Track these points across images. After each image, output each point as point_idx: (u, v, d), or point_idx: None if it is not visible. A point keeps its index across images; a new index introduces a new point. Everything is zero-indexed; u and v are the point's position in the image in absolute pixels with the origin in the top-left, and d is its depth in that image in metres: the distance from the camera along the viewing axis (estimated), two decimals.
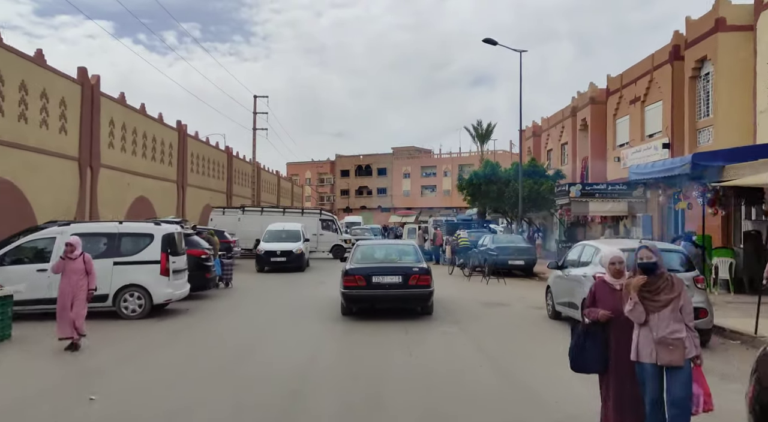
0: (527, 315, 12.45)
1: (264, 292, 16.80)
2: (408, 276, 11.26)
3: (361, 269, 11.52)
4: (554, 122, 34.18)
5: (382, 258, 12.62)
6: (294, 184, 78.76)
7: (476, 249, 23.24)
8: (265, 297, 15.63)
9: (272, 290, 17.35)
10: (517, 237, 22.99)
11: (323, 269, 24.70)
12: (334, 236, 30.46)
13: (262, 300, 15.12)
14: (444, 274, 22.52)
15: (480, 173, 30.65)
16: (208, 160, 40.58)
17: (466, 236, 25.10)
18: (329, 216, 31.74)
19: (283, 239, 23.54)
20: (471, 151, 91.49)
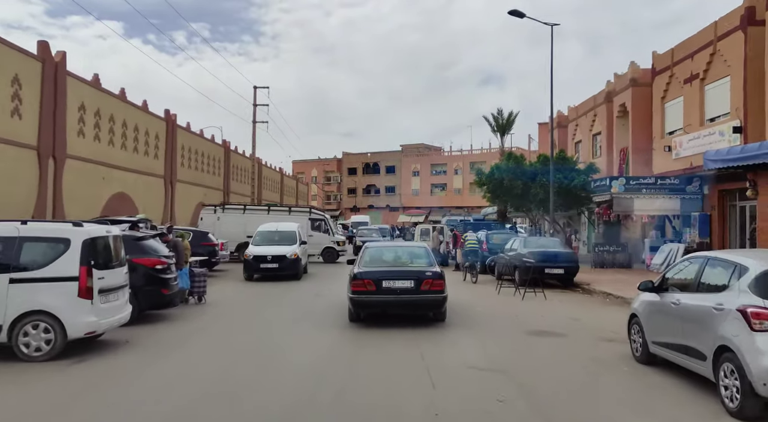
0: (598, 355, 8.73)
1: (244, 309, 13.18)
2: (420, 280, 10.43)
3: (370, 273, 10.57)
4: (584, 110, 30.36)
5: (392, 261, 11.62)
6: (299, 182, 75.23)
7: (503, 255, 19.56)
8: (243, 318, 12.02)
9: (255, 306, 13.74)
10: (552, 241, 19.26)
11: (321, 276, 21.09)
12: (325, 237, 26.91)
13: (238, 322, 11.50)
14: (458, 281, 18.95)
15: (502, 167, 26.92)
16: (201, 154, 37.08)
17: (474, 238, 21.53)
18: (320, 214, 28.15)
19: (275, 242, 19.94)
20: (483, 147, 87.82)
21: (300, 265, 19.42)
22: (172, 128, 31.70)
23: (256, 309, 13.26)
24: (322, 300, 14.52)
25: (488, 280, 20.28)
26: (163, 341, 9.51)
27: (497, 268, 19.92)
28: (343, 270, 23.66)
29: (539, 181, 26.12)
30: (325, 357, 8.34)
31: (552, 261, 17.10)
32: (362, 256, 11.66)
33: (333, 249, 27.17)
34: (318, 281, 19.58)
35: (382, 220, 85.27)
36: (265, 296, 15.64)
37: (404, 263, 11.51)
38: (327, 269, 24.21)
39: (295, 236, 20.19)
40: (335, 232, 28.02)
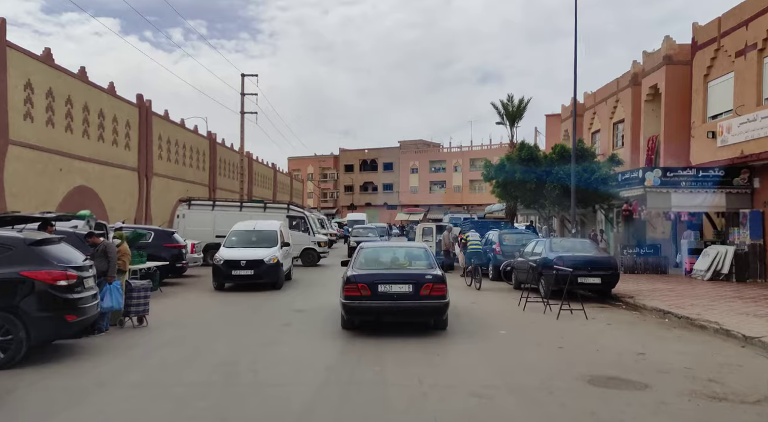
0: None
1: (196, 335, 9.84)
2: (420, 284, 9.35)
3: (364, 276, 9.54)
4: (604, 96, 27.09)
5: (389, 263, 10.56)
6: (294, 179, 71.84)
7: (523, 260, 16.31)
8: (190, 349, 8.68)
9: (213, 328, 10.40)
10: (583, 243, 15.95)
11: (306, 283, 17.80)
12: (305, 237, 23.53)
13: (180, 356, 8.17)
14: (461, 286, 15.87)
15: (514, 159, 23.61)
16: (183, 146, 33.71)
17: (477, 238, 18.52)
18: (299, 211, 24.74)
19: (252, 243, 16.65)
20: (483, 143, 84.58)
21: (280, 272, 16.11)
22: (147, 115, 28.32)
23: (212, 334, 9.94)
24: (303, 320, 11.24)
25: (500, 288, 17.03)
26: (42, 400, 6.19)
27: (516, 275, 16.65)
28: (331, 275, 20.38)
29: (556, 174, 22.85)
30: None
31: (587, 269, 13.81)
32: (356, 258, 10.43)
33: (313, 251, 23.90)
34: (301, 290, 16.30)
35: (380, 219, 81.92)
36: (231, 313, 12.32)
37: (402, 265, 10.43)
38: (312, 274, 20.92)
39: (276, 237, 16.88)
40: (316, 231, 24.73)
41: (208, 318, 11.65)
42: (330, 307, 12.18)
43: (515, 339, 9.42)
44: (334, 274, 13.25)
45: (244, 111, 38.12)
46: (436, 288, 9.30)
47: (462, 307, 12.75)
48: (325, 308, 12.41)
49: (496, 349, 8.68)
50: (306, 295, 15.24)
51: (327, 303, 12.93)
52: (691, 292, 14.74)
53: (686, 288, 15.74)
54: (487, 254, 19.75)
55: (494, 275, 19.10)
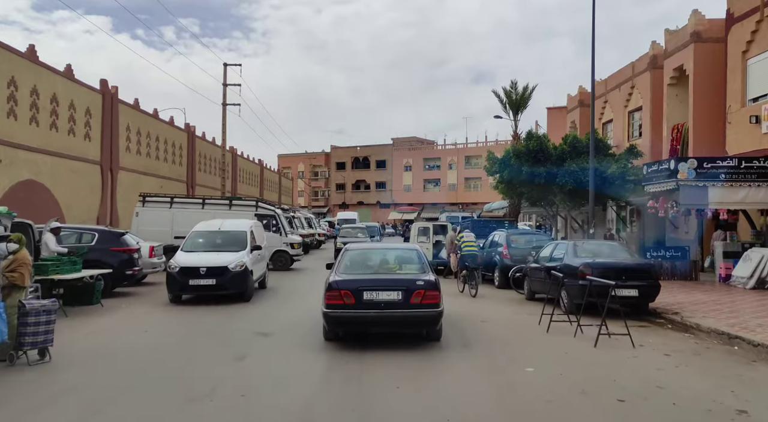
0: None
1: (107, 378, 7.12)
2: (410, 291, 8.16)
3: (348, 281, 8.36)
4: (617, 83, 24.54)
5: (377, 267, 9.31)
6: (282, 176, 68.97)
7: (534, 265, 13.73)
8: (90, 403, 6.00)
9: (138, 366, 7.67)
10: (612, 246, 13.24)
11: (281, 293, 15.15)
12: (275, 238, 20.67)
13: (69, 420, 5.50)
14: (453, 293, 13.27)
15: (521, 151, 20.97)
16: (156, 139, 30.88)
17: (472, 239, 16.03)
18: (269, 209, 21.80)
19: (216, 247, 13.95)
20: (478, 140, 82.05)
21: (249, 280, 13.38)
22: (112, 103, 25.49)
23: (136, 373, 7.23)
24: (267, 347, 8.58)
25: (509, 298, 14.39)
26: None
27: (529, 283, 14.02)
28: (314, 280, 17.69)
29: (568, 167, 20.27)
30: None
31: (620, 278, 11.17)
32: (340, 261, 9.37)
33: (285, 253, 21.13)
34: (277, 301, 13.62)
35: (372, 218, 79.23)
36: (178, 336, 9.59)
37: (391, 269, 9.35)
38: (291, 280, 18.23)
39: (245, 238, 14.15)
40: (289, 231, 21.96)
41: (144, 345, 8.91)
42: (311, 324, 9.76)
43: (548, 382, 6.77)
44: (319, 280, 10.76)
45: (226, 102, 35.44)
46: (429, 296, 8.25)
47: (466, 323, 10.12)
48: (304, 324, 9.90)
49: (524, 400, 6.03)
50: (281, 308, 12.60)
51: (307, 319, 10.36)
52: (744, 306, 12.15)
53: (734, 300, 13.15)
54: (492, 258, 17.15)
55: (501, 282, 16.49)
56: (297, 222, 34.12)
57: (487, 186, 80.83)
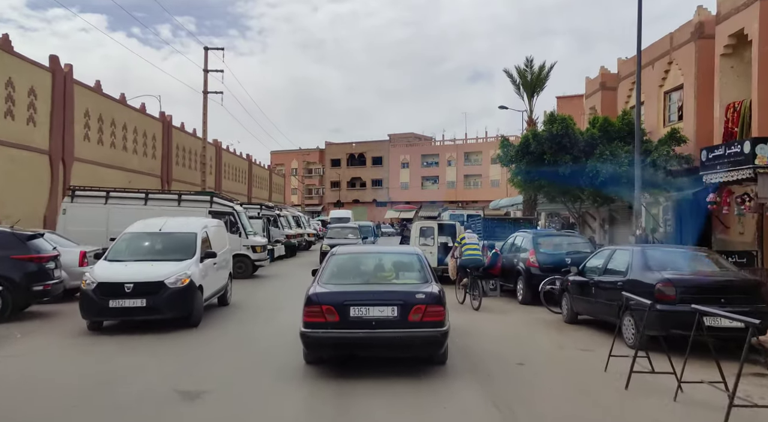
0: None
1: None
2: (408, 306, 6.61)
3: (332, 294, 6.84)
4: (649, 60, 20.99)
5: (368, 275, 7.67)
6: (273, 173, 65.30)
7: (577, 278, 10.23)
8: None
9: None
10: (697, 256, 9.62)
11: (252, 312, 11.58)
12: (234, 240, 16.73)
13: None
14: (453, 305, 9.86)
15: (542, 136, 17.43)
16: (124, 127, 27.24)
17: (475, 241, 13.62)
18: (226, 206, 17.87)
19: (154, 254, 10.38)
20: (478, 136, 78.50)
21: (197, 300, 9.79)
22: (64, 83, 21.85)
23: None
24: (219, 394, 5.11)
25: (538, 318, 10.82)
26: None
27: (570, 302, 10.49)
28: (287, 292, 14.26)
29: (599, 155, 16.79)
30: None
31: (718, 300, 7.65)
32: (325, 268, 7.53)
33: (246, 258, 17.57)
34: (235, 327, 10.10)
35: (368, 216, 75.57)
36: (68, 391, 6.06)
37: (386, 278, 7.55)
38: (256, 293, 14.74)
39: (193, 243, 10.54)
40: (251, 232, 18.30)
41: (10, 406, 5.37)
42: (282, 362, 6.73)
43: None
44: (299, 291, 8.02)
45: (207, 90, 31.88)
46: (431, 312, 6.67)
47: (492, 363, 6.61)
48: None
49: None
50: (241, 339, 9.14)
51: (278, 354, 7.12)
52: None
53: None
54: (514, 266, 13.63)
55: (526, 296, 12.99)
56: (283, 222, 30.59)
57: (488, 183, 77.41)
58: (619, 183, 17.16)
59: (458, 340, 8.44)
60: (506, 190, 63.53)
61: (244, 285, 15.69)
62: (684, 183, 17.19)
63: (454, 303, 12.59)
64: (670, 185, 17.13)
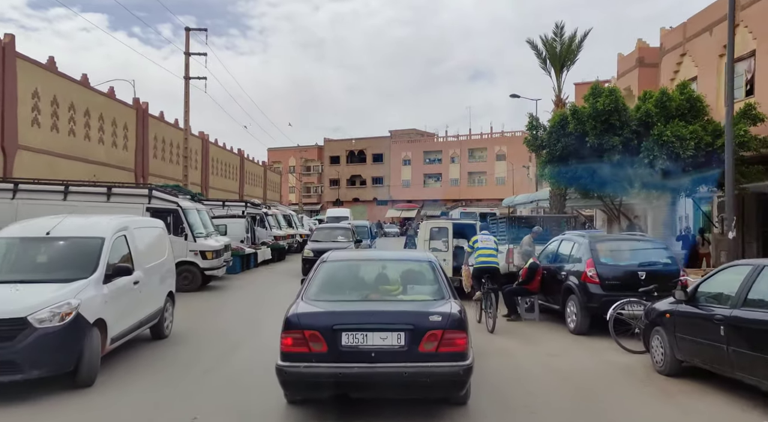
0: None
1: None
2: (419, 331, 5.06)
3: (318, 316, 5.29)
4: (704, 26, 17.27)
5: (368, 289, 5.99)
6: (269, 170, 61.56)
7: (687, 309, 6.48)
8: None
9: None
10: None
11: (202, 350, 7.78)
12: (179, 243, 13.44)
13: None
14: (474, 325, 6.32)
15: (584, 113, 13.66)
16: (87, 113, 23.52)
17: (491, 245, 10.83)
18: (168, 202, 14.13)
19: (32, 270, 6.73)
20: (483, 132, 74.67)
21: (87, 345, 6.08)
22: (3, 57, 18.13)
23: None
24: None
25: (613, 364, 6.98)
26: None
27: (672, 343, 6.74)
28: (255, 317, 10.69)
29: (658, 135, 13.06)
30: None
31: None
32: (312, 279, 5.87)
33: (194, 266, 13.90)
34: (149, 387, 6.33)
35: (369, 216, 71.81)
36: None
37: (389, 292, 5.88)
38: (207, 314, 11.06)
39: (95, 254, 6.82)
40: (200, 234, 14.54)
41: None
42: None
43: None
44: (277, 310, 5.73)
45: (189, 76, 28.28)
46: (450, 340, 4.99)
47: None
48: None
49: None
50: (170, 401, 5.52)
51: None
52: None
53: None
54: (562, 281, 9.92)
55: (581, 324, 9.28)
56: (272, 221, 26.91)
57: (493, 181, 73.49)
58: (682, 172, 13.49)
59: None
60: (512, 188, 59.84)
61: (193, 304, 12.03)
62: (759, 173, 13.52)
63: (471, 323, 9.08)
64: (744, 175, 13.42)
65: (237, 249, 19.35)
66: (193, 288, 13.72)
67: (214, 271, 14.27)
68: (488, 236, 11.24)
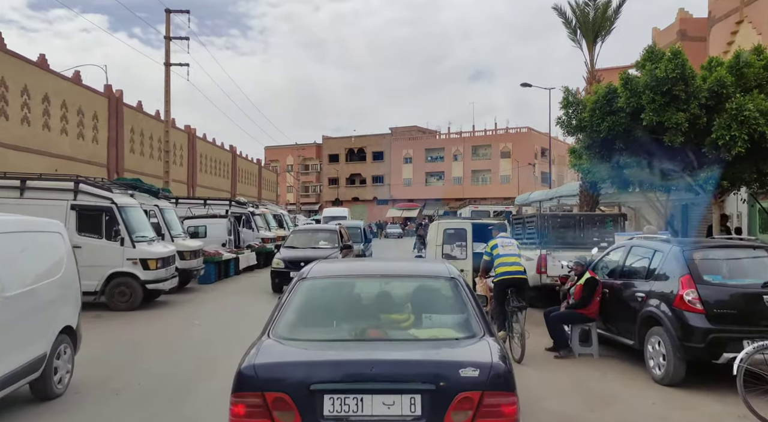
0: None
1: None
2: (446, 395, 3.21)
3: (286, 368, 3.44)
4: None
5: (363, 323, 4.01)
6: (264, 169, 58.55)
7: None
8: None
9: None
10: None
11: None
12: (114, 250, 10.74)
13: None
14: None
15: (638, 83, 10.65)
16: (46, 100, 20.53)
17: (515, 250, 8.33)
18: (102, 199, 10.99)
19: None
20: (487, 129, 71.56)
21: None
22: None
23: None
24: None
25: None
26: None
27: None
28: (205, 356, 7.49)
29: (736, 110, 10.04)
30: None
31: None
32: (284, 307, 4.03)
33: (133, 278, 10.93)
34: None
35: (369, 216, 68.84)
36: None
37: (395, 324, 4.04)
38: (142, 347, 8.00)
39: None
40: (142, 239, 11.47)
41: None
42: None
43: None
44: (244, 339, 3.39)
45: (170, 62, 25.40)
46: (492, 409, 3.24)
47: None
48: None
49: None
50: None
51: None
52: None
53: None
54: (639, 308, 6.89)
55: (675, 371, 6.25)
56: (260, 221, 23.93)
57: (497, 179, 70.31)
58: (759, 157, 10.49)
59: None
60: (518, 187, 56.83)
61: (125, 331, 9.07)
62: None
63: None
64: None
65: (212, 254, 16.38)
66: (132, 307, 10.76)
67: (159, 285, 11.20)
68: (510, 239, 8.71)
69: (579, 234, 11.21)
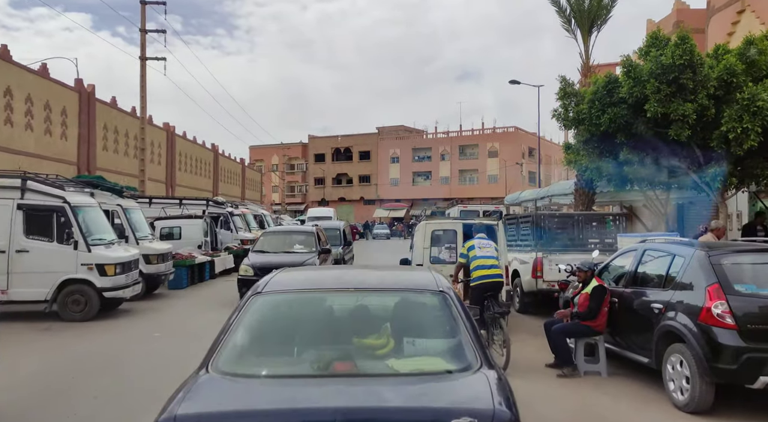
0: None
1: None
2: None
3: (227, 419, 2.48)
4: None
5: (331, 351, 3.14)
6: (248, 168, 57.24)
7: None
8: None
9: None
10: None
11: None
12: (66, 254, 9.53)
13: None
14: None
15: (643, 70, 9.76)
16: (9, 95, 19.24)
17: (492, 252, 7.76)
18: (53, 197, 9.67)
19: None
20: (474, 128, 70.84)
21: None
22: None
23: None
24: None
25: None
26: None
27: None
28: (147, 381, 6.19)
29: (748, 100, 9.18)
30: None
31: None
32: (232, 330, 3.16)
33: (88, 285, 9.74)
34: None
35: (355, 216, 67.88)
36: None
37: (370, 352, 3.16)
38: (72, 370, 6.80)
39: None
40: (99, 241, 10.22)
41: None
42: None
43: None
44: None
45: (146, 56, 24.14)
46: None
47: None
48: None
49: None
50: None
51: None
52: None
53: None
54: (654, 321, 5.95)
55: (702, 396, 5.28)
56: (239, 222, 22.82)
57: (485, 178, 69.72)
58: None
59: None
60: (505, 187, 56.12)
61: (82, 340, 7.99)
62: None
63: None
64: None
65: (184, 257, 15.27)
66: (87, 317, 9.65)
67: (118, 292, 10.07)
68: (487, 240, 8.04)
69: (578, 235, 10.30)
